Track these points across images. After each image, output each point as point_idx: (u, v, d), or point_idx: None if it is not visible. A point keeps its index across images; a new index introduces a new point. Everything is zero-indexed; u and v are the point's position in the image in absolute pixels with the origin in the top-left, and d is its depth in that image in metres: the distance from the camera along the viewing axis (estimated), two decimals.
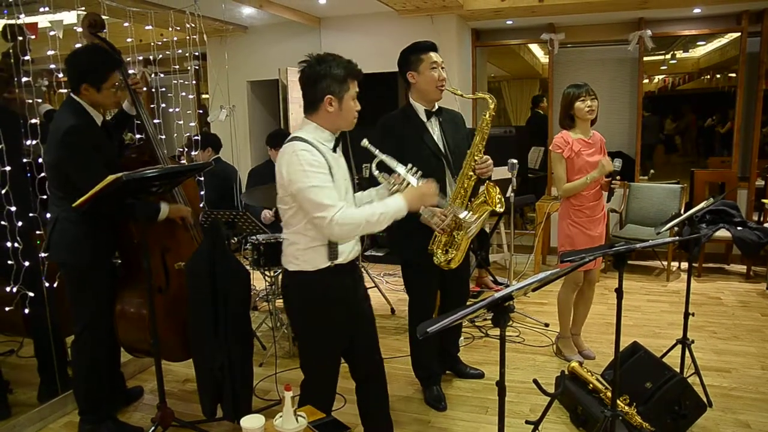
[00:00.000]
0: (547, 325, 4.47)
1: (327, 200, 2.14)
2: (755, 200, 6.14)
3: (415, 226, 2.96)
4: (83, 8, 3.36)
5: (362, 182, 6.40)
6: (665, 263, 5.95)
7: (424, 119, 3.08)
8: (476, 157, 2.95)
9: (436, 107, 3.12)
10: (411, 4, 5.57)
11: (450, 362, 3.71)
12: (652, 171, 7.21)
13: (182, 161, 4.90)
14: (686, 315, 3.47)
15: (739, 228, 5.68)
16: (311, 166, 2.14)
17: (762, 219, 6.10)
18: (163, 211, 2.91)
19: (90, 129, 2.80)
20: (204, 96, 7.45)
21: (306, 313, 2.38)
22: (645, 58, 6.37)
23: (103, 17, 3.96)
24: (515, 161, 4.37)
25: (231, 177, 5.05)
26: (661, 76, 8.66)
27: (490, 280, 5.35)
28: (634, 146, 6.53)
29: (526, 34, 6.61)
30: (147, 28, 4.07)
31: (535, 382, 2.66)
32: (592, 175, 3.50)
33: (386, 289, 5.36)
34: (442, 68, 3.03)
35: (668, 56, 8.23)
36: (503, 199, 2.99)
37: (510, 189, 4.57)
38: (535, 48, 8.13)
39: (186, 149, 5.31)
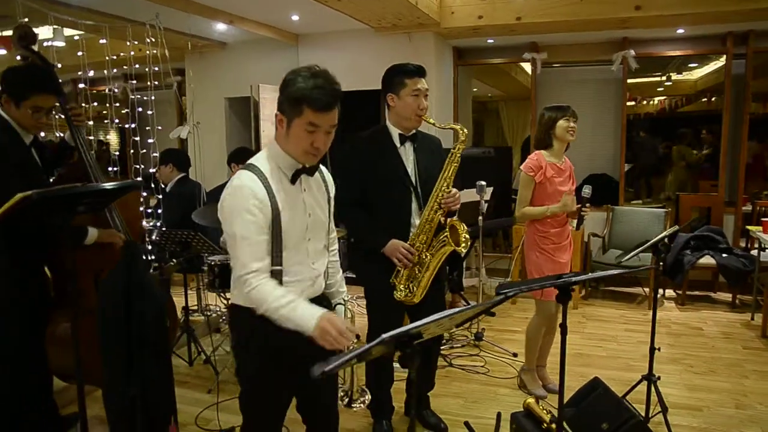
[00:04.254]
0: (515, 354, 4.27)
1: (246, 257, 1.87)
2: (742, 226, 5.94)
3: (379, 255, 2.85)
4: (26, 19, 3.24)
5: None
6: (648, 290, 5.75)
7: (398, 144, 2.91)
8: (443, 191, 2.80)
9: (413, 132, 2.95)
10: (387, 21, 5.46)
11: (416, 406, 3.30)
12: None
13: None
14: (652, 350, 3.28)
15: (724, 255, 5.48)
16: (244, 210, 1.85)
17: (749, 246, 5.89)
18: (91, 236, 2.77)
19: (13, 146, 2.67)
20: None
21: (241, 354, 2.13)
22: (640, 80, 6.27)
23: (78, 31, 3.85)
24: (483, 183, 4.21)
25: (196, 196, 4.91)
26: (660, 98, 8.54)
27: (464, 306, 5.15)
28: (618, 169, 6.37)
29: (509, 53, 6.49)
30: (102, 42, 3.95)
31: (466, 424, 2.47)
32: (553, 209, 3.38)
33: (358, 313, 5.17)
34: (425, 96, 2.85)
35: (663, 78, 8.11)
36: (468, 239, 2.83)
37: (480, 212, 4.39)
38: (528, 68, 8.02)
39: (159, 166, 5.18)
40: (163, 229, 4.26)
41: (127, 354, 2.56)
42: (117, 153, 6.32)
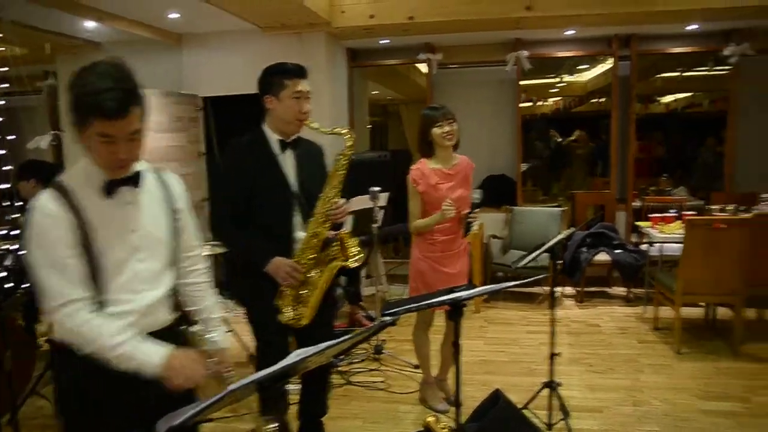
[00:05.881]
0: (417, 366, 4.09)
1: (59, 285, 1.59)
2: (633, 222, 6.11)
3: (261, 274, 2.56)
4: None
5: None
6: (548, 289, 5.78)
7: (277, 151, 2.64)
8: (331, 202, 2.56)
9: (294, 138, 2.67)
10: (275, 21, 5.18)
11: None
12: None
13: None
14: (552, 356, 3.21)
15: (617, 251, 5.61)
16: (40, 233, 1.59)
17: (639, 241, 6.06)
18: None
19: None
20: None
21: (63, 407, 1.78)
22: (535, 81, 6.33)
23: None
24: (377, 189, 4.02)
25: None
26: (554, 99, 8.75)
27: (363, 316, 4.95)
28: (515, 168, 6.40)
29: (404, 54, 6.37)
30: None
31: None
32: (434, 217, 3.20)
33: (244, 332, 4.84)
34: (307, 99, 2.60)
35: (557, 79, 8.31)
36: (360, 251, 2.62)
37: (375, 219, 4.20)
38: (425, 69, 7.96)
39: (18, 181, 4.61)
40: (20, 252, 3.76)
41: None
42: None
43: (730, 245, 4.19)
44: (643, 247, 5.53)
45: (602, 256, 5.60)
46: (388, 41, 6.07)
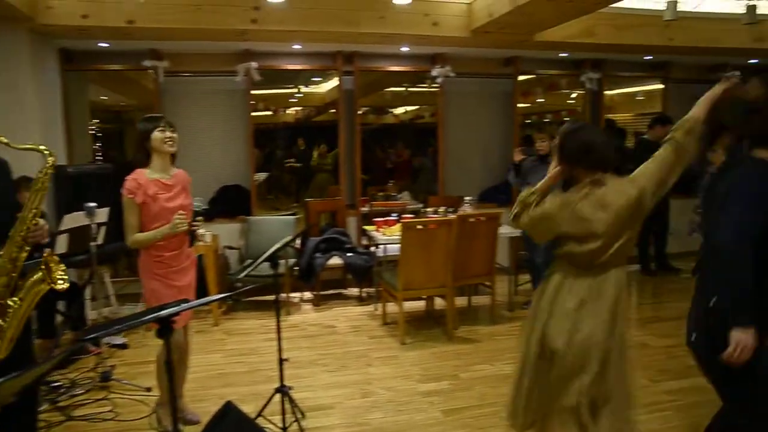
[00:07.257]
0: (149, 389, 3.87)
1: None
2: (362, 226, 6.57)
3: None
4: None
5: None
6: (286, 295, 5.91)
7: None
8: (31, 225, 2.29)
9: None
10: None
11: None
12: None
13: None
14: (281, 361, 3.30)
15: (349, 254, 5.98)
16: None
17: (369, 243, 6.54)
18: None
19: None
20: None
21: None
22: (274, 91, 6.40)
23: None
24: (93, 205, 3.71)
25: None
26: (296, 108, 8.95)
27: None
28: (250, 178, 6.43)
29: (129, 59, 5.96)
30: None
31: None
32: (163, 230, 3.09)
33: None
34: None
35: (295, 90, 8.53)
36: (65, 272, 2.36)
37: (93, 237, 3.87)
38: None
39: None
40: None
41: None
42: None
43: (440, 243, 4.77)
44: (372, 249, 5.98)
45: (336, 260, 5.93)
46: (108, 44, 5.64)
